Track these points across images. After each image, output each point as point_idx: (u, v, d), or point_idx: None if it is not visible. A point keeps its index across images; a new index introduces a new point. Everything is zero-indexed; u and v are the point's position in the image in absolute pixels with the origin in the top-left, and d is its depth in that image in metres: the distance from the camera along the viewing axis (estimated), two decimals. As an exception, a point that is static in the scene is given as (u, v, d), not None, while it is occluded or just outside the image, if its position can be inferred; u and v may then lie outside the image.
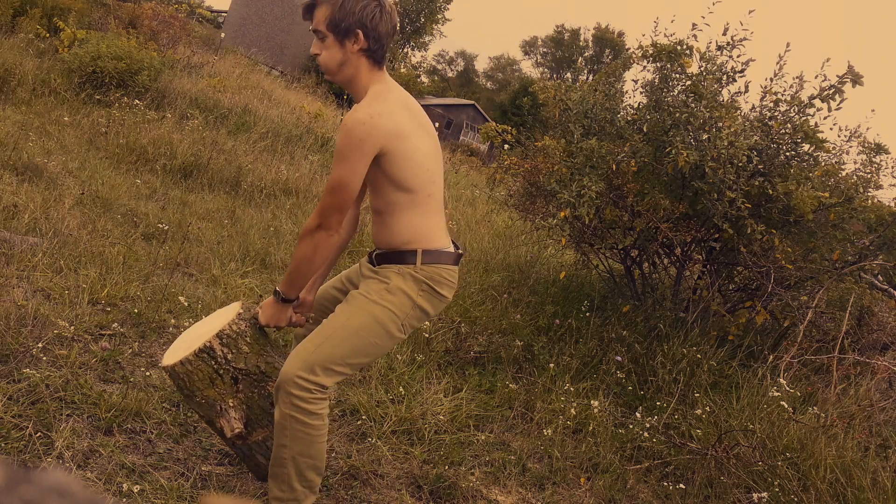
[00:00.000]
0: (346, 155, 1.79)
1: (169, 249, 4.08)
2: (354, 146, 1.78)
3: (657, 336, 3.81)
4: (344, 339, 1.86)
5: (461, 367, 3.52)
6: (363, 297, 1.92)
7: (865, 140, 3.91)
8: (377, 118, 1.80)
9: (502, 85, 61.42)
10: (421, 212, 1.93)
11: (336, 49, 1.85)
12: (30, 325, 2.64)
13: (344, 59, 1.86)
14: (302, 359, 1.83)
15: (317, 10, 1.85)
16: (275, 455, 1.89)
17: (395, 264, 1.93)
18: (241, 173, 6.52)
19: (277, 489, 1.91)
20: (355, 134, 1.78)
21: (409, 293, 1.91)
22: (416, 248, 1.92)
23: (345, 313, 1.90)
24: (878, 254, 3.87)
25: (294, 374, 1.81)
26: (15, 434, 2.03)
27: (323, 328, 1.89)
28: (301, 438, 1.84)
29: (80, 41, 8.58)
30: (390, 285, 1.91)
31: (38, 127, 6.17)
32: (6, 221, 3.68)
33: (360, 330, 1.87)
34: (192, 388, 1.85)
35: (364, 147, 1.78)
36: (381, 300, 1.90)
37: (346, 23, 1.82)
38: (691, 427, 3.11)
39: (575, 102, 4.26)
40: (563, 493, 2.63)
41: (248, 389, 1.90)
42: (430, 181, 1.93)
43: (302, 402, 1.81)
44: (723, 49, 3.91)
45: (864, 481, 2.65)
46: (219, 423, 1.88)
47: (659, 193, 3.83)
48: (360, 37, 1.83)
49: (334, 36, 1.84)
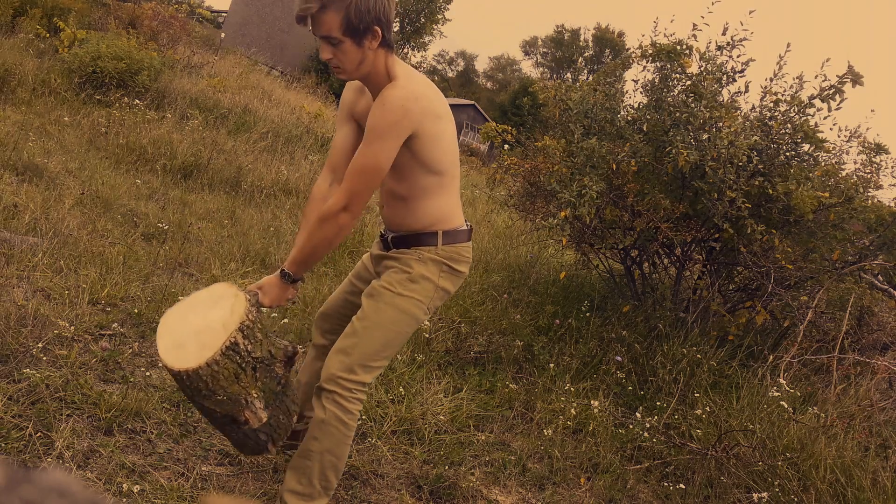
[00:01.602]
0: (384, 132, 1.75)
1: (169, 249, 4.08)
2: (394, 123, 1.75)
3: (657, 336, 3.81)
4: (377, 335, 1.91)
5: (461, 367, 3.52)
6: (388, 291, 1.93)
7: (865, 140, 3.91)
8: (418, 97, 1.78)
9: (502, 85, 61.43)
10: (447, 192, 1.94)
11: (354, 50, 1.77)
12: (30, 325, 2.64)
13: (363, 58, 1.80)
14: (339, 360, 1.89)
15: (323, 17, 1.72)
16: (304, 447, 1.92)
17: (415, 247, 1.94)
18: (241, 173, 6.52)
19: (296, 481, 1.93)
20: (396, 110, 1.74)
21: (430, 278, 1.95)
22: (437, 230, 1.93)
23: (373, 309, 1.93)
24: (878, 254, 3.87)
25: (336, 375, 1.87)
26: (15, 434, 2.03)
27: (354, 327, 1.92)
28: (333, 435, 1.89)
29: (80, 41, 8.58)
30: (413, 274, 1.93)
31: (38, 127, 6.17)
32: (6, 221, 3.68)
33: (391, 324, 1.92)
34: (214, 388, 1.74)
35: (402, 125, 1.76)
36: (406, 291, 1.93)
37: (363, 23, 1.74)
38: (691, 427, 3.11)
39: (575, 102, 4.25)
40: (563, 493, 2.63)
41: (263, 376, 1.84)
42: (455, 163, 1.95)
43: (344, 400, 1.88)
44: (723, 49, 3.91)
45: (864, 481, 2.65)
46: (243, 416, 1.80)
47: (659, 193, 3.83)
48: (378, 32, 1.77)
49: (352, 39, 1.75)
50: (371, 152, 1.77)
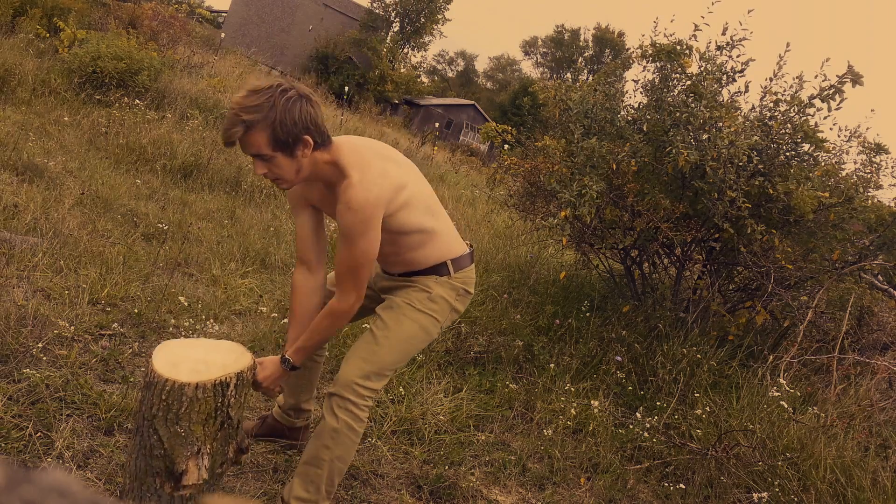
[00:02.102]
0: (361, 231, 1.78)
1: (169, 249, 4.08)
2: (367, 220, 1.77)
3: (657, 336, 3.81)
4: (395, 347, 1.96)
5: (461, 367, 3.52)
6: (409, 306, 1.99)
7: (865, 140, 3.91)
8: (378, 187, 1.78)
9: (502, 85, 61.42)
10: (440, 232, 2.00)
11: (288, 162, 1.76)
12: (30, 325, 2.64)
13: (299, 166, 1.78)
14: (358, 367, 1.92)
15: (249, 138, 1.71)
16: (313, 455, 1.93)
17: (431, 275, 2.00)
18: (241, 173, 6.52)
19: (303, 489, 1.95)
20: (365, 209, 1.76)
21: (448, 299, 2.02)
22: (446, 261, 2.00)
23: (393, 321, 1.98)
24: (878, 254, 3.87)
25: (353, 382, 1.90)
26: (15, 434, 2.03)
27: (375, 336, 1.96)
28: (345, 443, 1.92)
29: (80, 41, 8.58)
30: (432, 294, 2.00)
31: (38, 127, 6.17)
32: (6, 221, 3.68)
33: (410, 338, 1.99)
34: (182, 415, 1.63)
35: (375, 216, 1.79)
36: (426, 308, 1.99)
37: (291, 136, 1.72)
38: (691, 427, 3.11)
39: (575, 102, 4.25)
40: (563, 493, 2.63)
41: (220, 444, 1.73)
42: (433, 206, 1.99)
43: (356, 407, 1.91)
44: (722, 49, 3.91)
45: (864, 481, 2.65)
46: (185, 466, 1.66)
47: (659, 193, 3.83)
48: (308, 141, 1.75)
49: (283, 153, 1.74)
50: (356, 251, 1.80)
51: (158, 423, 1.63)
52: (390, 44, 36.80)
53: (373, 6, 38.31)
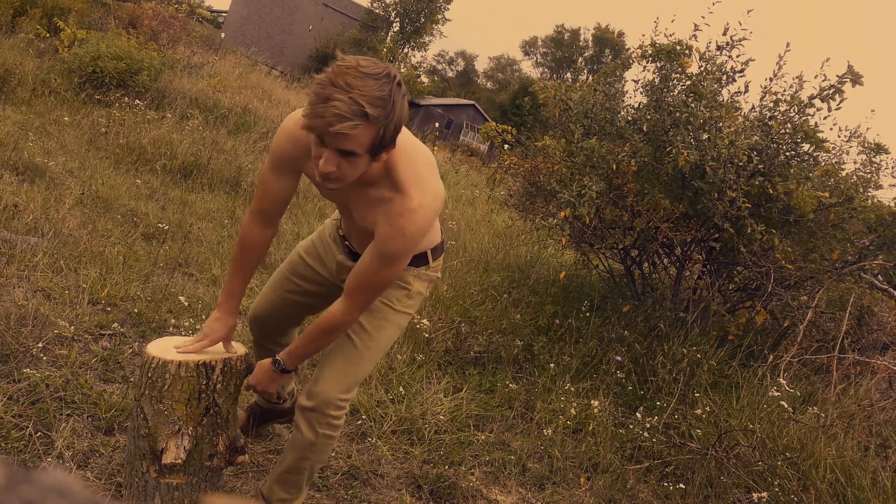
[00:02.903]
0: (405, 258, 1.68)
1: (169, 249, 4.08)
2: (414, 249, 1.69)
3: (657, 336, 3.82)
4: (376, 355, 1.93)
5: (461, 367, 3.52)
6: (388, 308, 1.91)
7: (865, 140, 3.91)
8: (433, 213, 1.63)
9: (502, 85, 61.42)
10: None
11: (366, 163, 1.51)
12: (30, 325, 2.64)
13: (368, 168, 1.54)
14: (339, 382, 1.86)
15: (355, 132, 1.41)
16: (293, 465, 1.92)
17: (411, 267, 1.91)
18: (241, 173, 6.52)
19: (285, 492, 1.96)
20: (417, 240, 1.64)
21: (423, 293, 1.99)
22: (426, 250, 1.92)
23: (374, 328, 1.89)
24: (878, 254, 3.87)
25: (336, 398, 1.85)
26: (15, 434, 2.03)
27: (356, 345, 1.88)
28: (323, 450, 1.91)
29: (80, 41, 8.58)
30: (411, 291, 1.93)
31: (38, 127, 6.17)
32: (6, 221, 3.68)
33: (389, 341, 1.96)
34: (164, 393, 1.68)
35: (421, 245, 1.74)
36: (405, 308, 1.94)
37: (391, 140, 1.49)
38: (691, 427, 3.11)
39: (575, 102, 4.26)
40: (563, 493, 2.63)
41: (206, 429, 1.74)
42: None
43: (335, 419, 1.87)
44: (722, 49, 3.91)
45: (864, 481, 2.66)
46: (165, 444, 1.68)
47: (659, 193, 3.83)
48: (394, 143, 1.53)
49: (371, 155, 1.48)
50: (390, 273, 1.70)
51: (144, 402, 1.69)
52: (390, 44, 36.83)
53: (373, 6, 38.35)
